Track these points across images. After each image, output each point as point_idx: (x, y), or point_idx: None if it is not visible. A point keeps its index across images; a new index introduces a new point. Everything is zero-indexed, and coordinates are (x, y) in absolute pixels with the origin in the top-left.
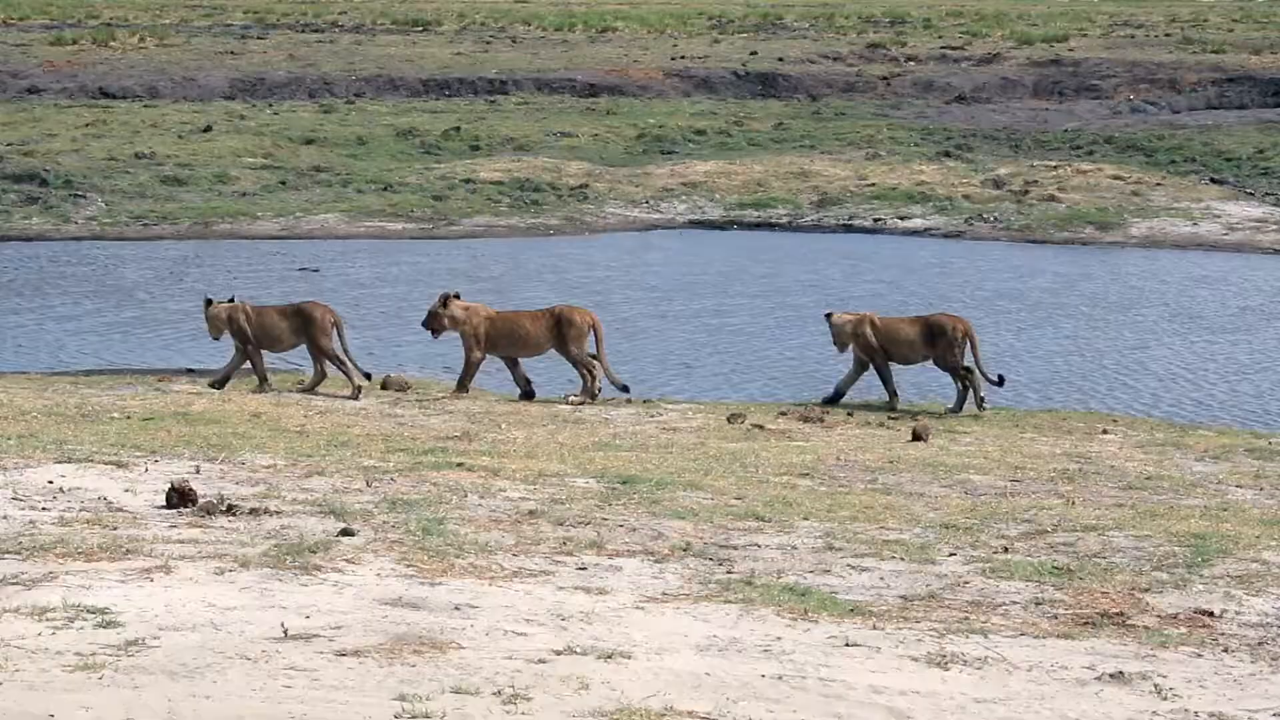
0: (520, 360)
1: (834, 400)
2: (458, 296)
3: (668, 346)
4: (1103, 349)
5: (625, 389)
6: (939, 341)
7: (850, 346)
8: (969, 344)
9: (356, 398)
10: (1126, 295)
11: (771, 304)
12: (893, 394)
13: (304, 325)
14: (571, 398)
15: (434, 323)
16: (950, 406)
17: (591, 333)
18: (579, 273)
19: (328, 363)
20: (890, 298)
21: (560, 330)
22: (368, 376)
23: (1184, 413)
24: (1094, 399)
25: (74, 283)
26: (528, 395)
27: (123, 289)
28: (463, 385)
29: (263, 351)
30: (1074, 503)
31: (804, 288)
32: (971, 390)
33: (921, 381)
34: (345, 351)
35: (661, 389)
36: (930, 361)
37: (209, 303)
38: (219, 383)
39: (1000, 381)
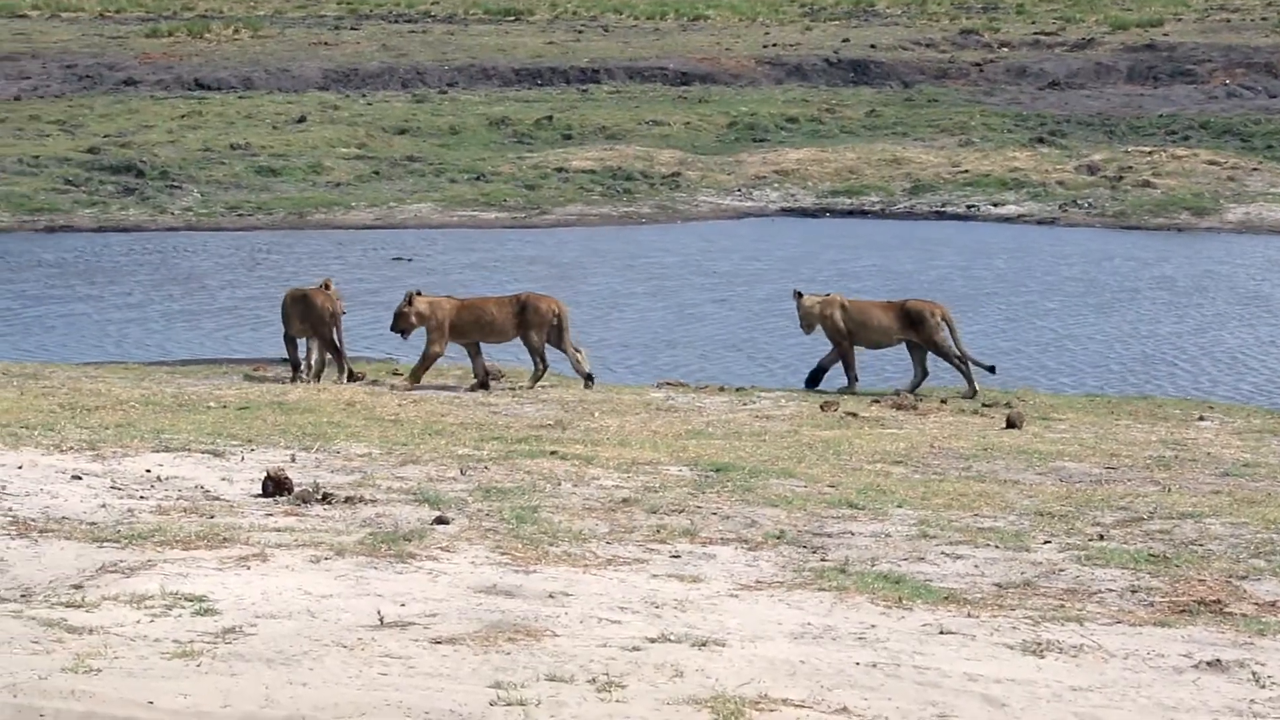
0: (482, 350)
1: (816, 379)
2: (419, 293)
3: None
4: (1189, 333)
5: (590, 378)
6: (922, 328)
7: (822, 329)
8: (948, 327)
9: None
10: (1220, 280)
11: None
12: (853, 379)
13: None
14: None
15: (402, 323)
16: (907, 387)
17: (557, 321)
18: (650, 259)
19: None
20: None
21: (524, 317)
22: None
23: (1267, 399)
24: (1173, 384)
25: (166, 272)
26: (482, 386)
27: (215, 278)
28: (416, 376)
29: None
30: (1170, 490)
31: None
32: (919, 371)
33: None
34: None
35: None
36: (904, 346)
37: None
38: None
39: (993, 369)
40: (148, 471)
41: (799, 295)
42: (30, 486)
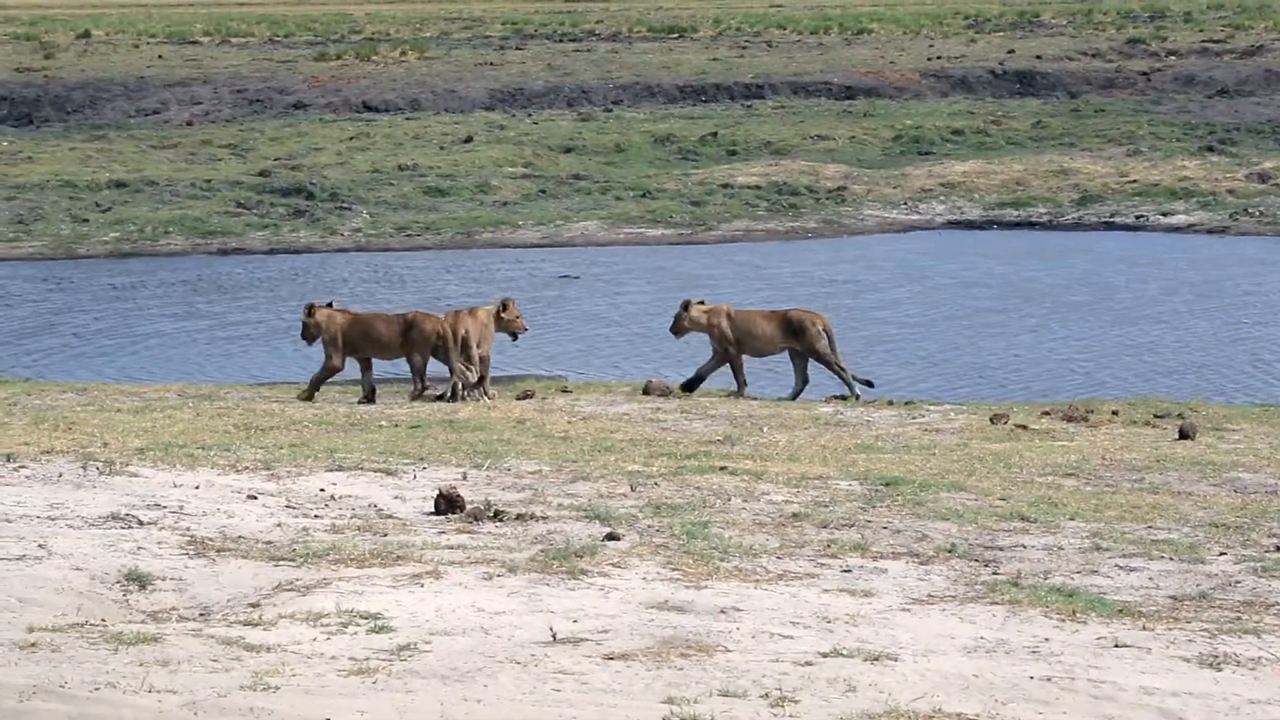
0: (373, 364)
1: (693, 385)
2: (330, 305)
3: None
4: None
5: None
6: (802, 338)
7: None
8: (828, 338)
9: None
10: None
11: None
12: (742, 384)
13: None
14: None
15: (306, 333)
16: (789, 395)
17: (440, 342)
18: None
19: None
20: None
21: (409, 336)
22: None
23: None
24: None
25: (339, 291)
26: (369, 400)
27: (386, 297)
28: (314, 387)
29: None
30: None
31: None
32: (800, 379)
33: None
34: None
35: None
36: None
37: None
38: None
39: (869, 384)
40: (322, 490)
41: (686, 305)
42: (207, 506)
